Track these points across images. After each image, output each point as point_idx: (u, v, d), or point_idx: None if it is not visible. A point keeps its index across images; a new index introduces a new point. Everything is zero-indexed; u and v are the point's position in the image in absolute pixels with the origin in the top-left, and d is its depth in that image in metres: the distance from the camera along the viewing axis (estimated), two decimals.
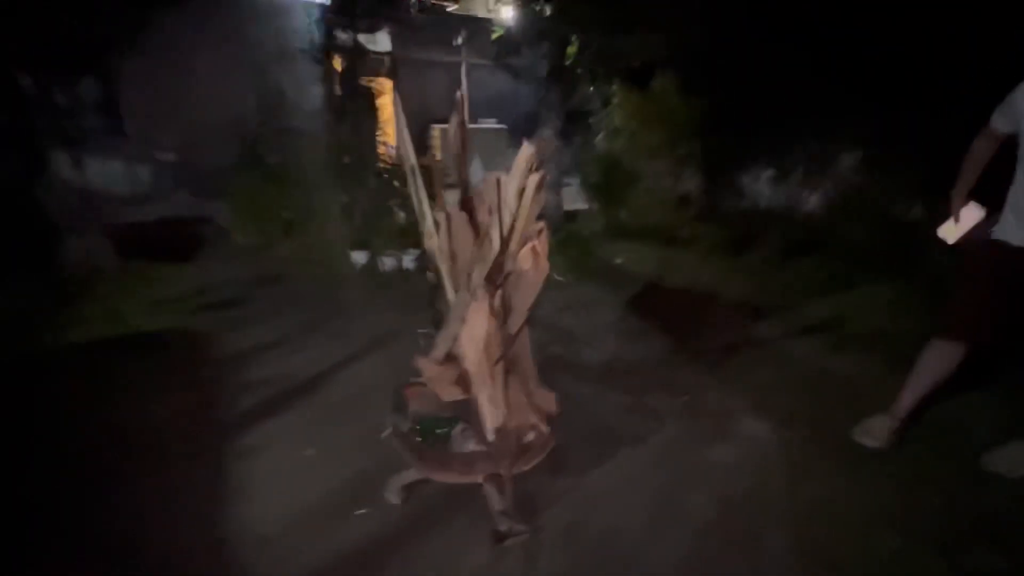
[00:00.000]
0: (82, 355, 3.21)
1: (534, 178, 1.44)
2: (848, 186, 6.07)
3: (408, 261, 4.87)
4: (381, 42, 7.77)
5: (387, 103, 7.33)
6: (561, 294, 4.39)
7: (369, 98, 6.14)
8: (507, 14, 7.07)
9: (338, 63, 6.82)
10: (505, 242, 1.55)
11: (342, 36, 6.18)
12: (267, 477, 2.16)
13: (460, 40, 8.29)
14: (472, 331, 1.80)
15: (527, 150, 1.41)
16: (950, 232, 2.32)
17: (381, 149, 5.77)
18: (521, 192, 1.46)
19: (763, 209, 6.74)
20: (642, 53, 5.83)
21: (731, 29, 5.64)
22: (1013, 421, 2.49)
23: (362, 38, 6.76)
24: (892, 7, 4.78)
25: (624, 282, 4.79)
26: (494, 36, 6.87)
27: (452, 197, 1.95)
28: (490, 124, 9.77)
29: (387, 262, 4.85)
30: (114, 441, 2.39)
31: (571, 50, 6.08)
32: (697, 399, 2.83)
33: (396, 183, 5.17)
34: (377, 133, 5.98)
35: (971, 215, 2.26)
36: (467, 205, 1.87)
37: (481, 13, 10.18)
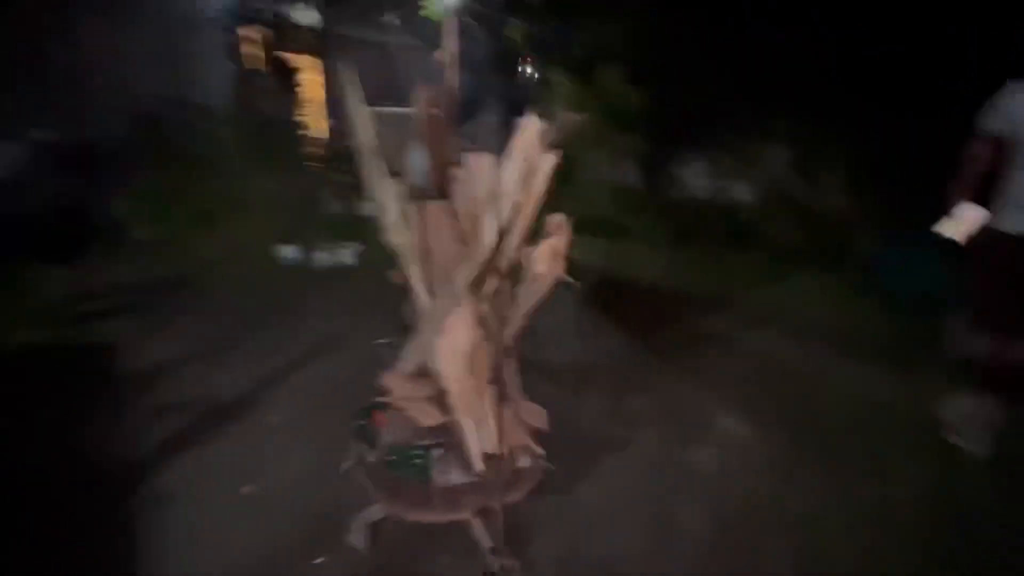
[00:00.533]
0: None
1: (548, 159, 1.19)
2: (778, 180, 6.38)
3: (348, 256, 4.43)
4: (307, 15, 7.07)
5: (314, 82, 6.70)
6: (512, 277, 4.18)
7: (293, 76, 5.54)
8: None
9: (256, 35, 6.10)
10: (502, 239, 1.30)
11: (261, 5, 5.52)
12: (193, 528, 1.76)
13: (396, 19, 7.77)
14: (453, 344, 1.53)
15: (532, 126, 1.16)
16: (948, 228, 2.38)
17: (308, 132, 5.22)
18: (529, 178, 1.21)
19: (699, 201, 6.94)
20: (588, 41, 5.72)
21: (673, 22, 5.68)
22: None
23: (285, 9, 6.10)
24: (827, 9, 4.99)
25: (575, 276, 4.66)
26: (422, 13, 6.43)
27: (395, 188, 1.66)
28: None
29: (323, 257, 4.38)
30: None
31: (515, 35, 5.84)
32: (671, 399, 2.73)
33: (329, 170, 4.68)
34: (303, 114, 5.40)
35: (975, 216, 2.32)
36: (443, 194, 1.59)
37: None
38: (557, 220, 1.36)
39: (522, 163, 1.19)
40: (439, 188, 1.61)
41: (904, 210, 4.47)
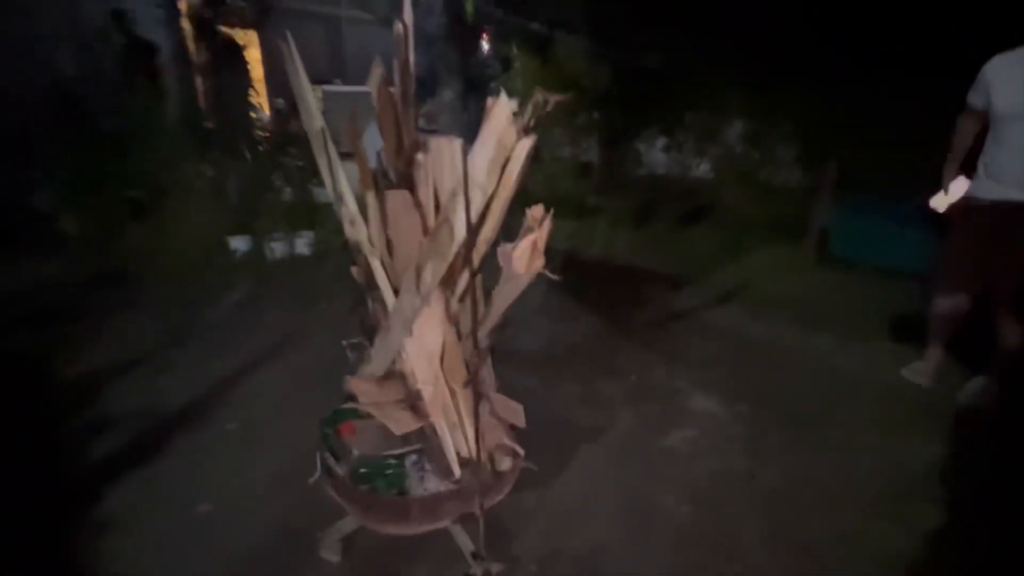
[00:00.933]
0: None
1: (524, 144, 1.08)
2: (733, 156, 6.47)
3: (302, 245, 4.18)
4: None
5: (256, 59, 6.23)
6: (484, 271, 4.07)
7: (234, 52, 5.11)
8: None
9: (192, 8, 5.58)
10: (473, 232, 1.19)
11: None
12: (148, 556, 1.60)
13: None
14: (423, 343, 1.43)
15: (503, 106, 1.05)
16: (940, 202, 2.52)
17: (254, 114, 4.84)
18: (503, 164, 1.10)
19: (660, 177, 6.97)
20: (546, 15, 5.54)
21: None
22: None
23: None
24: None
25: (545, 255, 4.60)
26: None
27: (349, 171, 1.52)
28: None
29: (276, 248, 4.12)
30: None
31: (470, 7, 5.58)
32: (643, 380, 2.73)
33: (278, 153, 4.37)
34: (246, 94, 5.00)
35: (959, 186, 2.45)
36: (405, 182, 1.45)
37: None
38: (538, 212, 1.26)
39: (494, 147, 1.07)
40: (400, 174, 1.47)
41: (857, 180, 4.63)
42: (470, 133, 1.15)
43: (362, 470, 1.44)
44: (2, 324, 3.01)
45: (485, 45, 6.87)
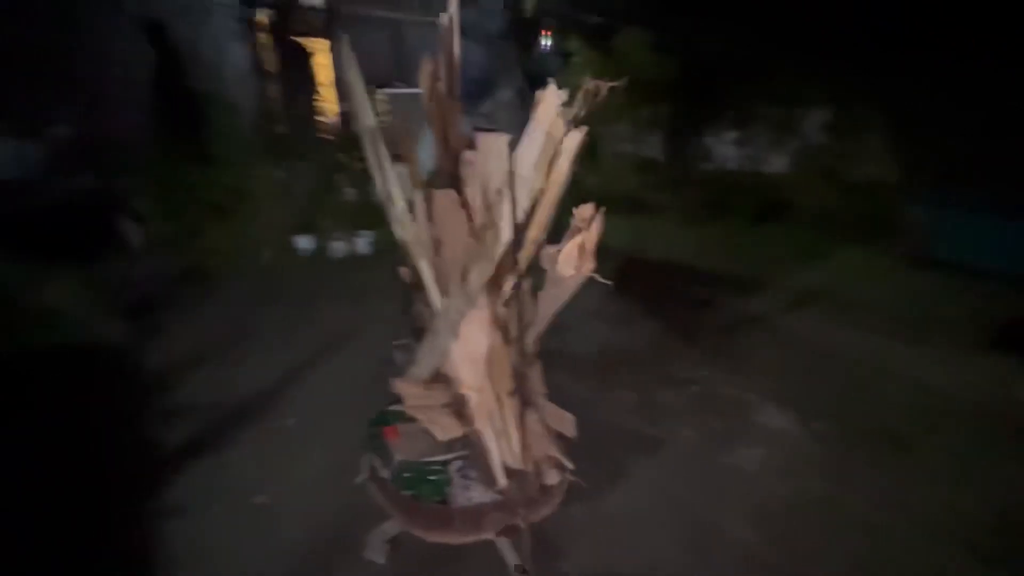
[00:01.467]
0: None
1: (573, 137, 1.00)
2: (814, 148, 5.97)
3: (363, 244, 4.30)
4: None
5: (324, 65, 6.50)
6: (533, 273, 4.00)
7: (303, 59, 5.36)
8: None
9: (266, 20, 5.91)
10: (520, 233, 1.12)
11: None
12: (207, 542, 1.67)
13: None
14: (469, 347, 1.38)
15: (552, 98, 0.96)
16: None
17: (321, 118, 5.05)
18: (550, 162, 1.02)
19: (729, 172, 6.58)
20: (607, 6, 5.36)
21: None
22: None
23: None
24: None
25: (600, 257, 4.44)
26: None
27: (401, 171, 1.49)
28: None
29: (338, 247, 4.26)
30: None
31: (531, 2, 5.52)
32: (707, 390, 2.54)
33: (342, 156, 4.52)
34: (315, 99, 5.24)
35: None
36: (454, 181, 1.41)
37: None
38: (587, 212, 1.17)
39: (542, 142, 1.00)
40: (449, 174, 1.43)
41: (956, 172, 4.11)
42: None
43: (405, 475, 1.42)
44: (100, 316, 3.29)
45: (547, 40, 6.79)
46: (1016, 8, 3.57)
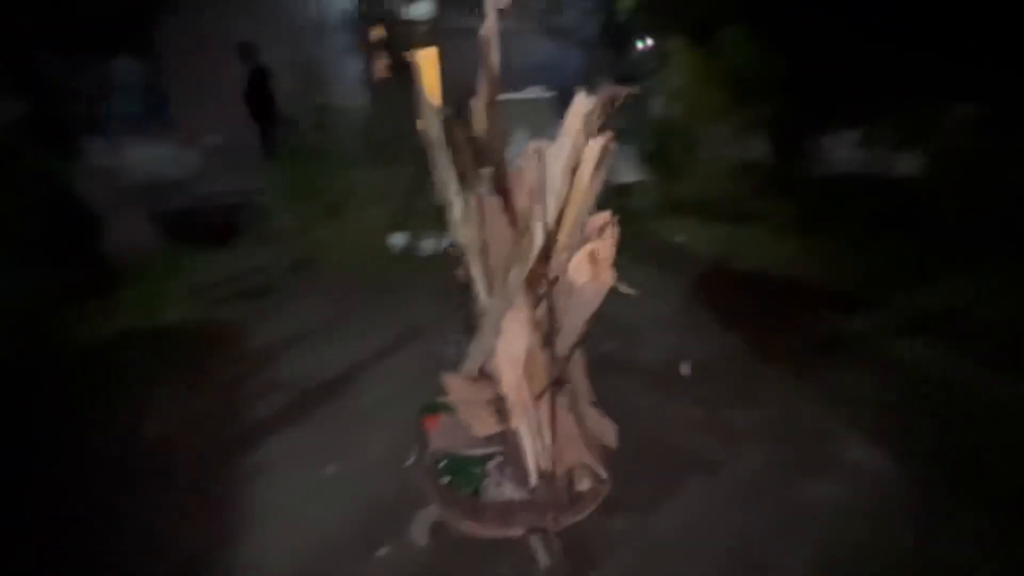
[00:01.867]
0: (104, 351, 3.08)
1: (595, 145, 1.01)
2: (954, 149, 5.17)
3: (449, 244, 4.53)
4: (422, 8, 7.32)
5: (431, 75, 6.94)
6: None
7: (406, 69, 5.77)
8: None
9: (378, 33, 6.46)
10: (551, 237, 1.15)
11: (379, 4, 5.81)
12: (277, 504, 1.90)
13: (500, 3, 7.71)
14: (509, 347, 1.43)
15: (582, 105, 0.98)
16: None
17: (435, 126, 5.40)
18: (574, 168, 1.04)
19: (846, 177, 5.91)
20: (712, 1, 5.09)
21: None
22: None
23: (401, 5, 6.34)
24: None
25: (685, 264, 4.25)
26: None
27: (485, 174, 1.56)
28: (534, 93, 9.11)
29: (427, 245, 4.54)
30: (110, 457, 2.18)
31: (625, 3, 5.41)
32: (784, 414, 2.34)
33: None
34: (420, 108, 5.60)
35: None
36: (503, 186, 1.47)
37: None
38: (601, 219, 1.16)
39: (570, 149, 1.01)
40: (499, 180, 1.49)
41: None
42: (625, 132, 1.10)
43: (444, 463, 1.50)
44: (225, 298, 3.84)
45: (646, 41, 6.61)
46: None
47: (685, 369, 1.59)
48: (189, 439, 2.28)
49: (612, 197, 5.93)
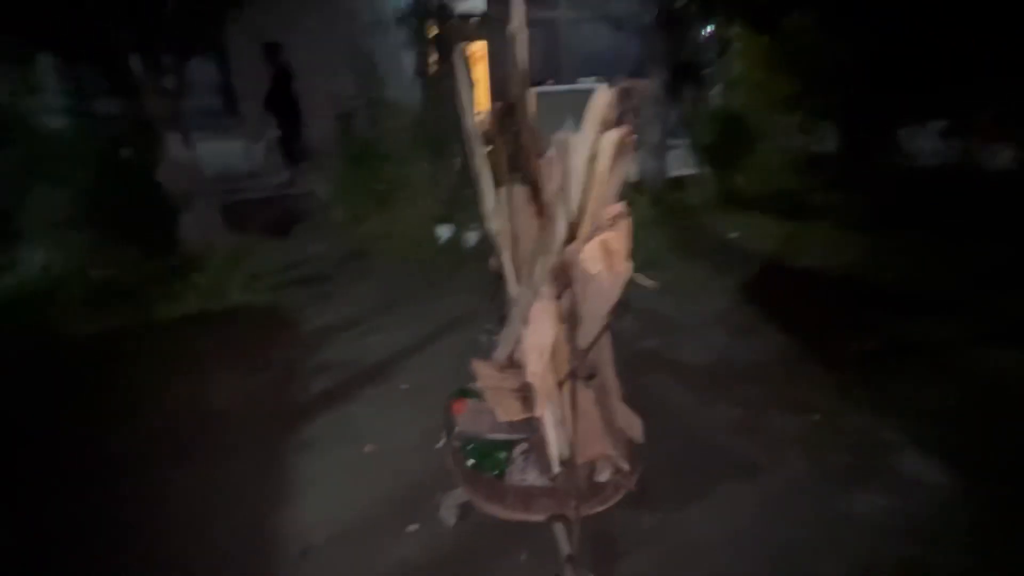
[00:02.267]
0: (175, 329, 3.38)
1: (610, 136, 1.00)
2: None
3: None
4: (474, 3, 7.38)
5: (482, 68, 7.01)
6: (661, 274, 3.83)
7: (467, 65, 5.85)
8: None
9: (431, 29, 6.58)
10: (574, 228, 1.15)
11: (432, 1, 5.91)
12: (320, 477, 2.03)
13: None
14: (536, 337, 1.44)
15: (601, 96, 0.98)
16: None
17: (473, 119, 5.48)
18: (592, 158, 1.04)
19: (927, 171, 5.43)
20: None
21: None
22: None
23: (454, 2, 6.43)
24: None
25: (739, 262, 4.08)
26: None
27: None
28: (589, 84, 9.01)
29: (471, 237, 4.62)
30: (169, 426, 2.38)
31: None
32: (832, 420, 2.22)
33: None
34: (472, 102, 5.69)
35: None
36: (534, 178, 1.48)
37: None
38: (614, 210, 1.14)
39: (592, 141, 1.01)
40: (529, 171, 1.50)
41: None
42: (679, 124, 1.08)
43: (471, 446, 1.55)
44: (283, 284, 4.09)
45: (707, 29, 6.34)
46: None
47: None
48: (247, 412, 2.46)
49: (667, 191, 5.76)
